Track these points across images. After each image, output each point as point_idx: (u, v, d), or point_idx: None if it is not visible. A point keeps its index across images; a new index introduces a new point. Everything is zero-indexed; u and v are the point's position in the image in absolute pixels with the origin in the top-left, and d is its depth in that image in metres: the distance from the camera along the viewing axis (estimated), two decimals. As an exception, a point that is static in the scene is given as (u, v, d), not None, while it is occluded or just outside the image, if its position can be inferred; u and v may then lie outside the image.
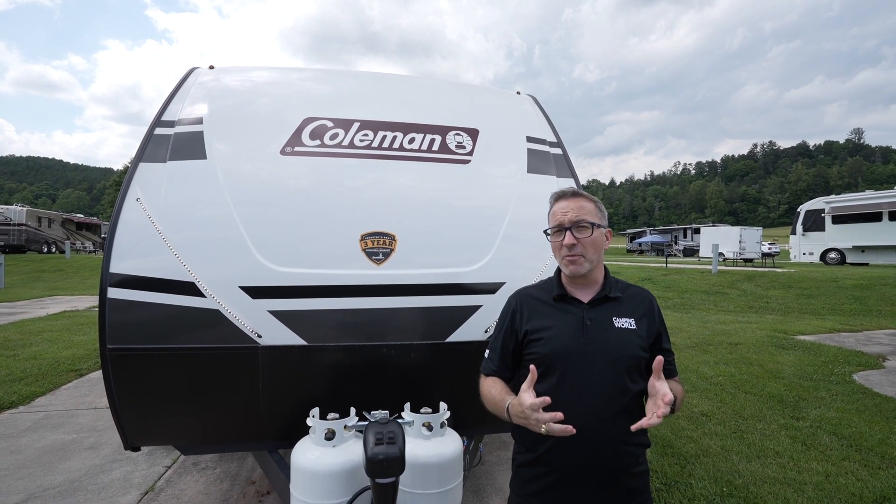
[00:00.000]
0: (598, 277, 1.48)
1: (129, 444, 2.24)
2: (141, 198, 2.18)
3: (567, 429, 1.19)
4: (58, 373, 5.81)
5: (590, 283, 1.48)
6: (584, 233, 1.41)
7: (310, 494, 1.70)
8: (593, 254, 1.42)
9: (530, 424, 1.24)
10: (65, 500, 3.02)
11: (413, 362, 2.18)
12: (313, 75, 3.10)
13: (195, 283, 2.04)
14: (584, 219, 1.41)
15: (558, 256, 1.47)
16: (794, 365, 6.20)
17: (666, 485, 3.18)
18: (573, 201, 1.45)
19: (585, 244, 1.40)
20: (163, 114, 2.51)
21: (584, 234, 1.41)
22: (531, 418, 1.22)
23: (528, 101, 3.27)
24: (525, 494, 1.43)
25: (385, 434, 1.53)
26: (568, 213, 1.42)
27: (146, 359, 2.04)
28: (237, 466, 3.48)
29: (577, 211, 1.42)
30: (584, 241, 1.40)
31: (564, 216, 1.43)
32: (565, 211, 1.43)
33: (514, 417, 1.31)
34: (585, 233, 1.41)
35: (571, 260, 1.42)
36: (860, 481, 3.19)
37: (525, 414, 1.24)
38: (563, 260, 1.45)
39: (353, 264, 2.17)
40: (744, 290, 13.69)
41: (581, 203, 1.44)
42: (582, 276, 1.44)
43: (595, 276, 1.47)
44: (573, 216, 1.41)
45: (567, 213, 1.43)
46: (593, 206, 1.45)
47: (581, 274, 1.43)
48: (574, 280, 1.47)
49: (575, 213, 1.42)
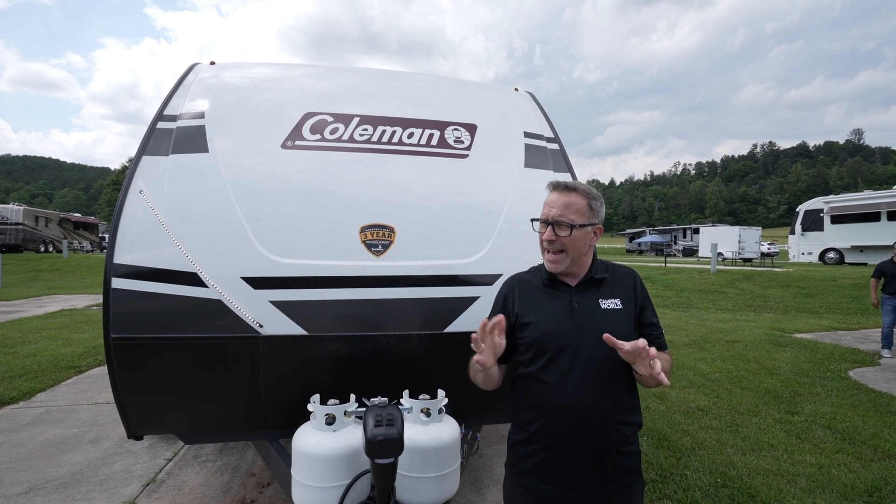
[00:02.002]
0: (586, 261, 1.51)
1: (132, 432, 2.27)
2: (144, 190, 2.21)
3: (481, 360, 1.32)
4: (57, 369, 5.84)
5: (578, 267, 1.51)
6: (563, 231, 1.43)
7: (311, 478, 1.74)
8: (574, 251, 1.45)
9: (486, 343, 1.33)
10: (67, 491, 3.05)
11: (412, 352, 2.22)
12: (313, 71, 3.14)
13: (198, 273, 2.07)
14: (565, 218, 1.43)
15: (541, 247, 1.51)
16: (790, 362, 6.25)
17: (661, 476, 3.22)
18: (564, 196, 1.46)
19: (565, 242, 1.44)
20: (165, 108, 2.55)
21: (563, 232, 1.43)
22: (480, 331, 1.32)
23: (525, 98, 3.31)
24: (518, 473, 1.47)
25: (384, 416, 1.56)
26: (554, 209, 1.44)
27: (149, 348, 2.07)
28: (238, 459, 3.52)
29: (563, 208, 1.44)
30: (564, 240, 1.43)
31: (550, 210, 1.45)
32: (553, 205, 1.45)
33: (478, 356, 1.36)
34: (564, 231, 1.43)
35: (551, 259, 1.46)
36: (852, 473, 3.23)
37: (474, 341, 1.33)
38: (544, 254, 1.49)
39: (352, 256, 2.21)
40: (742, 289, 13.75)
41: (570, 199, 1.45)
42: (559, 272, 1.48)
43: (583, 261, 1.50)
44: (557, 213, 1.43)
45: (554, 207, 1.45)
46: (584, 202, 1.45)
47: (558, 272, 1.48)
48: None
49: (559, 210, 1.44)
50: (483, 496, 3.05)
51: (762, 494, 2.95)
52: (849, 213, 20.11)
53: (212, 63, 3.04)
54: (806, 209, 22.28)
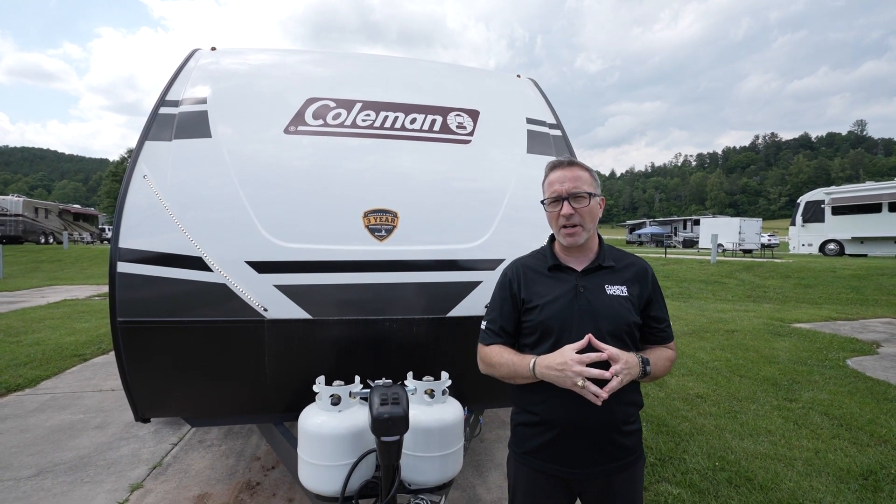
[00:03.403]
0: (592, 246, 1.53)
1: (139, 415, 2.30)
2: (148, 175, 2.22)
3: (599, 392, 1.27)
4: (61, 358, 5.89)
5: (584, 252, 1.52)
6: (582, 203, 1.45)
7: (316, 457, 1.77)
8: (590, 223, 1.47)
9: (565, 377, 1.30)
10: (75, 474, 3.10)
11: (415, 336, 2.24)
12: (315, 57, 3.13)
13: (202, 257, 2.09)
14: (581, 189, 1.45)
15: (555, 226, 1.51)
16: (789, 351, 6.29)
17: (660, 460, 3.26)
18: (569, 171, 1.48)
19: (583, 214, 1.45)
20: (167, 93, 2.55)
21: (581, 203, 1.45)
22: (572, 369, 1.29)
23: (528, 84, 3.31)
24: (522, 452, 1.50)
25: (390, 395, 1.59)
26: (565, 184, 1.46)
27: (155, 331, 2.09)
28: (242, 443, 3.57)
29: (574, 181, 1.46)
30: (582, 211, 1.45)
31: (562, 186, 1.46)
32: (562, 181, 1.47)
33: (543, 370, 1.35)
34: (583, 203, 1.45)
35: (569, 232, 1.46)
36: (848, 457, 3.28)
37: (566, 365, 1.30)
38: (560, 231, 1.49)
39: (356, 240, 2.22)
40: (742, 279, 13.77)
41: (577, 172, 1.48)
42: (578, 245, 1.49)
43: (590, 244, 1.52)
44: (570, 186, 1.45)
45: (564, 182, 1.46)
46: (588, 175, 1.49)
47: (578, 244, 1.48)
48: (569, 249, 1.52)
49: (572, 182, 1.46)
50: (485, 479, 3.10)
51: (759, 478, 3.00)
52: (850, 204, 20.07)
53: (213, 49, 3.03)
54: (807, 200, 22.25)
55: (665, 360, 1.49)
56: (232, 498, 2.84)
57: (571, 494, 1.48)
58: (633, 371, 1.34)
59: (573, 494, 1.48)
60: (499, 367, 1.49)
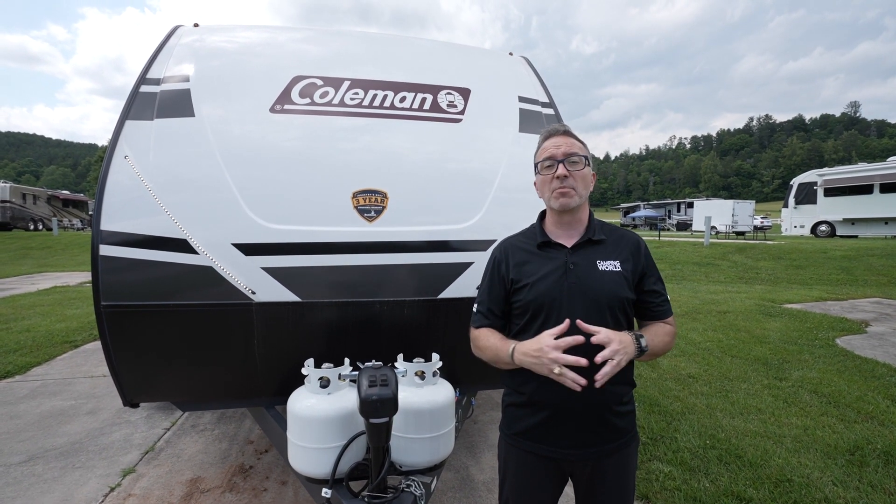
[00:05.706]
0: (583, 218, 1.50)
1: (127, 400, 2.28)
2: (129, 155, 2.15)
3: (577, 379, 1.23)
4: (52, 344, 5.84)
5: (574, 225, 1.48)
6: (577, 166, 1.42)
7: (306, 439, 1.76)
8: (583, 189, 1.44)
9: (542, 364, 1.27)
10: (67, 459, 3.09)
11: (406, 318, 2.22)
12: (302, 35, 3.03)
13: (187, 239, 2.04)
14: (576, 152, 1.43)
15: (547, 191, 1.46)
16: (779, 331, 6.36)
17: (652, 439, 3.30)
18: (565, 137, 1.47)
19: (577, 177, 1.42)
20: (147, 71, 2.46)
21: (576, 167, 1.42)
22: (547, 356, 1.25)
23: (520, 63, 3.23)
24: (513, 434, 1.48)
25: (378, 377, 1.57)
26: (561, 147, 1.44)
27: (140, 315, 2.05)
28: (235, 427, 3.56)
29: (570, 146, 1.44)
30: (576, 175, 1.42)
31: (557, 149, 1.44)
32: (558, 145, 1.45)
33: (521, 357, 1.33)
34: (578, 166, 1.42)
35: (563, 192, 1.42)
36: (836, 434, 3.33)
37: (541, 352, 1.27)
38: (554, 193, 1.44)
39: (345, 221, 2.18)
40: (734, 261, 13.86)
41: (572, 140, 1.47)
42: (569, 212, 1.45)
43: (580, 216, 1.49)
44: (566, 149, 1.43)
45: (560, 146, 1.44)
46: (582, 145, 1.48)
47: (570, 208, 1.43)
48: (559, 223, 1.48)
49: (567, 147, 1.44)
50: (478, 460, 3.12)
51: (749, 454, 3.04)
52: (842, 185, 20.17)
53: (195, 25, 2.92)
54: (799, 182, 22.34)
55: (664, 335, 1.44)
56: (225, 481, 2.84)
57: (563, 475, 1.47)
58: (629, 350, 1.29)
59: (564, 475, 1.47)
60: (485, 351, 1.48)
